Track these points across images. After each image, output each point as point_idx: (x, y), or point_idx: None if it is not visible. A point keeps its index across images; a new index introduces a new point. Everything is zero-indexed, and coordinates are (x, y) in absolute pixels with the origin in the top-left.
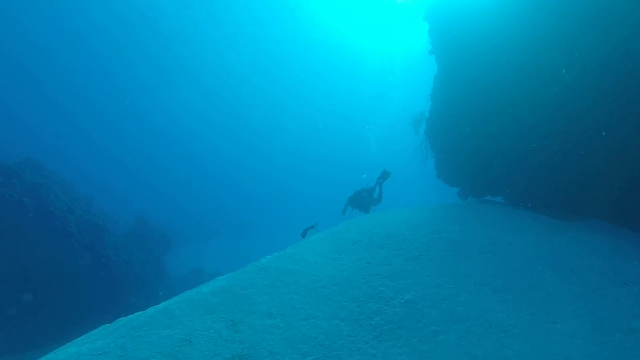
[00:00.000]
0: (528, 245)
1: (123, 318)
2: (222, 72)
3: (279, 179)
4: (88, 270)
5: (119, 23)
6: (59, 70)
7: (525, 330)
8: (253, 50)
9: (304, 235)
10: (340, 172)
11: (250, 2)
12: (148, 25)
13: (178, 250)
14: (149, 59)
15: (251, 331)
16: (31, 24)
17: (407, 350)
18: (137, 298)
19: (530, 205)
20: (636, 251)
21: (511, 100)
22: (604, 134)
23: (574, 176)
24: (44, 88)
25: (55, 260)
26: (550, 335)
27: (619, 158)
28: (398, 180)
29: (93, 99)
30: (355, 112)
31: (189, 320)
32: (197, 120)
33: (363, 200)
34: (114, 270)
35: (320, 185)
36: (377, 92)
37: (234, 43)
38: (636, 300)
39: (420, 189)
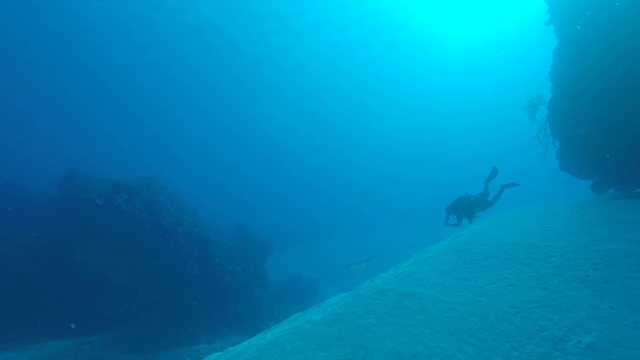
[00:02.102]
0: None
1: (231, 349)
2: (301, 78)
3: (363, 180)
4: (197, 280)
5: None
6: (161, 103)
7: None
8: (330, 52)
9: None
10: (424, 170)
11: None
12: (230, 45)
13: (272, 257)
14: (234, 79)
15: None
16: (138, 69)
17: None
18: (241, 306)
19: None
20: None
21: None
22: None
23: None
24: (152, 121)
25: (169, 270)
26: None
27: None
28: (504, 175)
29: (191, 123)
30: (440, 106)
31: (302, 358)
32: (280, 128)
33: (471, 204)
34: (220, 280)
35: (405, 184)
36: (462, 83)
37: (312, 48)
38: None
39: (535, 185)
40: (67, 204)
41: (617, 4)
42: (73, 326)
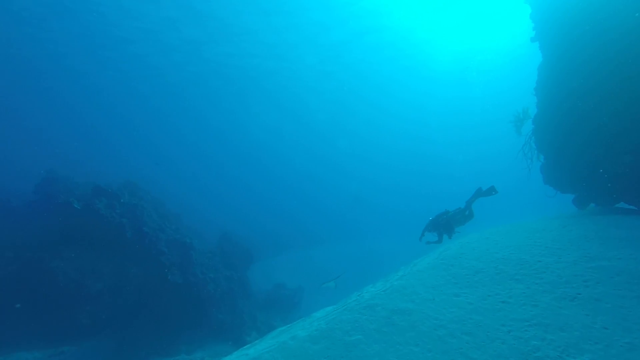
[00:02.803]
0: None
1: None
2: (289, 83)
3: (352, 187)
4: (178, 288)
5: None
6: (150, 108)
7: None
8: (318, 54)
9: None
10: (409, 178)
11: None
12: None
13: (257, 264)
14: (226, 82)
15: None
16: (133, 78)
17: None
18: (224, 315)
19: None
20: None
21: None
22: None
23: None
24: (138, 123)
25: (150, 277)
26: None
27: None
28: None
29: (178, 126)
30: (428, 116)
31: None
32: (268, 133)
33: (450, 219)
34: (202, 288)
35: (394, 193)
36: (452, 94)
37: (299, 50)
38: None
39: (518, 199)
40: (44, 207)
41: (609, 22)
42: None
